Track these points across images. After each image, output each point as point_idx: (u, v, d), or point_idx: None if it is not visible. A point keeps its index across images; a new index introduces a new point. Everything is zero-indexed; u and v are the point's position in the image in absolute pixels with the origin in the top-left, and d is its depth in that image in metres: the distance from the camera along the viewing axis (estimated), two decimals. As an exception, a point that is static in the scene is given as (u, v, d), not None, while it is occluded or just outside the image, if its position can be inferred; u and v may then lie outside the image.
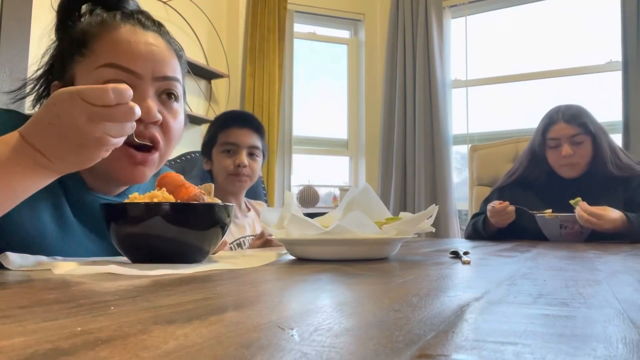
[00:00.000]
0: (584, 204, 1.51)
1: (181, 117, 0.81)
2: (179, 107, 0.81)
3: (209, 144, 1.60)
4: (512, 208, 1.64)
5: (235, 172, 1.52)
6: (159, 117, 0.75)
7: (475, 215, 1.88)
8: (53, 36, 0.82)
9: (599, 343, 0.27)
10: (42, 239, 0.74)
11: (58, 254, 0.74)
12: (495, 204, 1.66)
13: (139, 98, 0.72)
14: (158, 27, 0.81)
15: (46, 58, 0.82)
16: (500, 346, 0.26)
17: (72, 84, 0.76)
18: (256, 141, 1.58)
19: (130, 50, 0.75)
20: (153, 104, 0.75)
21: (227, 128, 1.56)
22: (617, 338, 0.28)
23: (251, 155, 1.57)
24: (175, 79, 0.79)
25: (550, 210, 1.62)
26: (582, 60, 3.28)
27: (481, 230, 1.75)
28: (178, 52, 0.83)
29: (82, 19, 0.82)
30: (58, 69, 0.80)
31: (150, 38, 0.78)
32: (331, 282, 0.54)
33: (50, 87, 0.81)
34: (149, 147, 0.77)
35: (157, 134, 0.77)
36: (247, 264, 0.69)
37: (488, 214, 1.68)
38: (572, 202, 1.54)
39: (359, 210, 0.79)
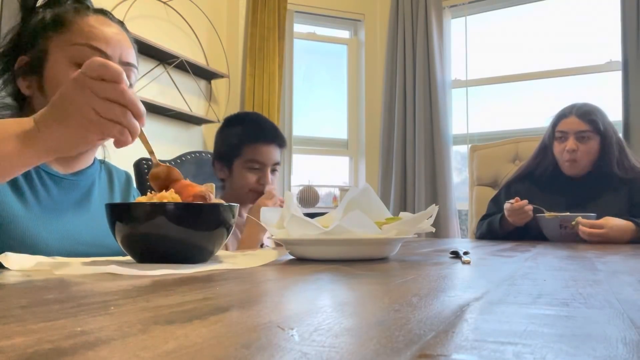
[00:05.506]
0: (584, 221, 1.52)
1: None
2: (133, 90, 0.93)
3: (230, 153, 1.49)
4: (530, 207, 1.63)
5: (256, 189, 1.47)
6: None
7: (484, 217, 1.88)
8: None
9: (599, 343, 0.27)
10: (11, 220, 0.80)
11: (25, 233, 0.81)
12: (512, 201, 1.65)
13: None
14: (120, 23, 0.95)
15: (9, 37, 0.92)
16: (500, 346, 0.26)
17: (43, 57, 0.86)
18: (279, 157, 1.52)
19: (104, 35, 0.88)
20: None
21: (255, 143, 1.47)
22: (617, 338, 0.28)
23: (273, 171, 1.52)
24: (135, 66, 0.94)
25: (567, 213, 1.61)
26: (582, 60, 3.28)
27: (497, 229, 1.73)
28: (133, 44, 0.96)
29: (43, 9, 0.92)
30: (27, 44, 0.89)
31: (117, 29, 0.91)
32: (331, 282, 0.54)
33: (17, 60, 0.90)
34: None
35: None
36: (247, 264, 0.69)
37: (506, 212, 1.67)
38: (572, 223, 1.54)
39: (359, 210, 0.79)
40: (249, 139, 1.49)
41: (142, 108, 0.66)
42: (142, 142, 0.73)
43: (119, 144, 0.67)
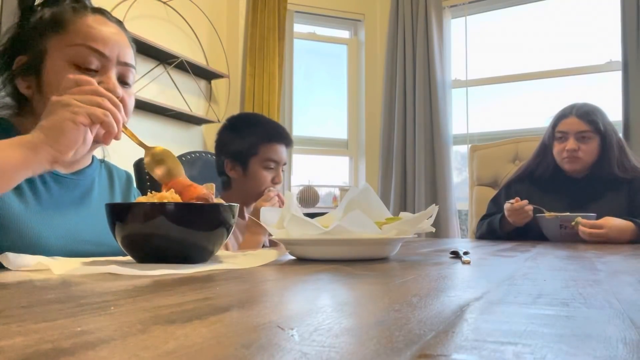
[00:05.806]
0: (584, 221, 1.52)
1: (132, 99, 0.95)
2: (131, 90, 0.95)
3: (247, 152, 1.54)
4: (530, 207, 1.63)
5: (268, 188, 1.54)
6: (121, 93, 0.89)
7: (484, 217, 1.88)
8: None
9: (599, 343, 0.27)
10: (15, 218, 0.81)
11: (28, 231, 0.81)
12: (512, 202, 1.65)
13: (106, 77, 0.87)
14: (118, 22, 0.95)
15: (8, 36, 0.92)
16: (500, 346, 0.26)
17: (42, 57, 0.86)
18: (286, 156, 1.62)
19: (102, 36, 0.87)
20: (117, 82, 0.89)
21: (271, 143, 1.55)
22: (617, 338, 0.28)
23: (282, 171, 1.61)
24: (133, 66, 0.94)
25: (567, 213, 1.61)
26: (582, 60, 3.28)
27: (497, 229, 1.73)
28: (132, 43, 0.96)
29: (41, 7, 0.92)
30: (26, 45, 0.89)
31: (115, 29, 0.91)
32: (331, 282, 0.54)
33: (15, 61, 0.90)
34: None
35: None
36: (247, 264, 0.69)
37: (506, 212, 1.67)
38: (572, 223, 1.54)
39: (359, 210, 0.79)
40: (266, 138, 1.55)
41: (115, 99, 0.74)
42: (129, 137, 0.78)
43: (107, 134, 0.73)
